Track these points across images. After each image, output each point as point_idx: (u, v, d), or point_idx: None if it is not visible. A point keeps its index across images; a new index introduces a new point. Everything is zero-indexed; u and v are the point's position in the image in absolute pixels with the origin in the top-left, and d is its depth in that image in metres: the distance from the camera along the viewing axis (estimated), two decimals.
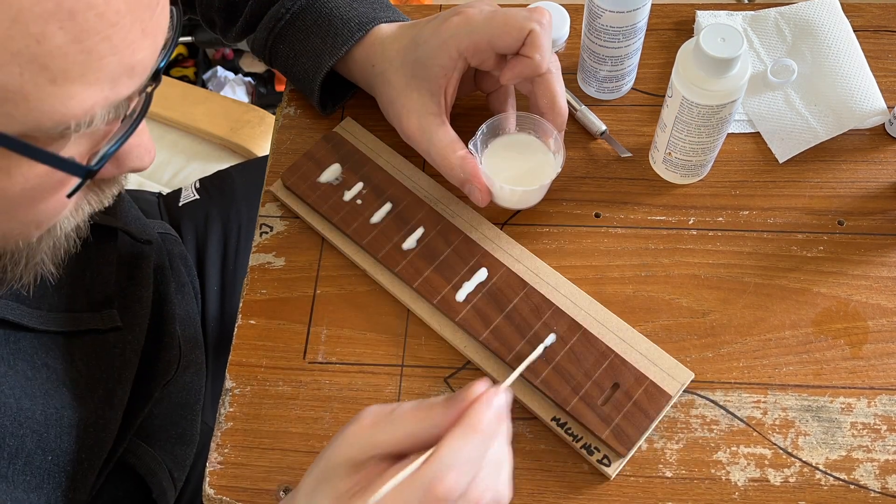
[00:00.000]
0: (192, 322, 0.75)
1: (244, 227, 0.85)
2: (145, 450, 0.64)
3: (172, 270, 0.74)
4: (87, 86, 0.33)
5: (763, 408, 0.56)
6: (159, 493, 0.64)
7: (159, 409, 0.67)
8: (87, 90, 0.33)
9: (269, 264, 0.64)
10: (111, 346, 0.60)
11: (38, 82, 0.31)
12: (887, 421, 0.55)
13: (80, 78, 0.32)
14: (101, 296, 0.60)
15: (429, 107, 0.59)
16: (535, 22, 0.55)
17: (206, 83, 1.62)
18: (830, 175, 0.65)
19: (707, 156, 0.62)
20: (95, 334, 0.59)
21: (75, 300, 0.58)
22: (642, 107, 0.69)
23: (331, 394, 0.58)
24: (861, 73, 0.66)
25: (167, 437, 0.67)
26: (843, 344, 0.58)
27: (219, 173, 0.94)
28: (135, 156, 0.41)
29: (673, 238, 0.63)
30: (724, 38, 0.53)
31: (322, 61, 0.63)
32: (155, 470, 0.64)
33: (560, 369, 0.55)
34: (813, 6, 0.70)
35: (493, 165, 0.61)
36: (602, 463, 0.54)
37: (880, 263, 0.61)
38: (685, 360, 0.58)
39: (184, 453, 0.69)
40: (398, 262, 0.60)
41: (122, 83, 0.34)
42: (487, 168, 0.61)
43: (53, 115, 0.33)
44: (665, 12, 0.73)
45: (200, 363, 0.74)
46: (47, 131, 0.34)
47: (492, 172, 0.60)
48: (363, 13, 0.63)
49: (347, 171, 0.64)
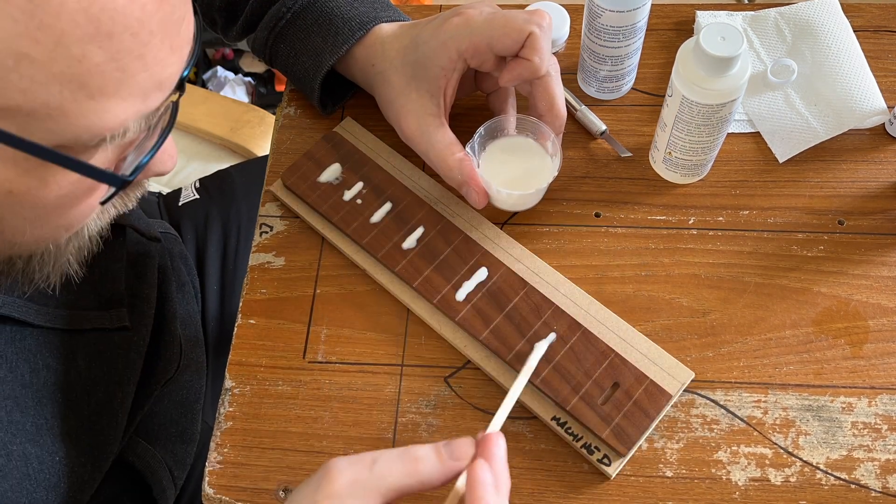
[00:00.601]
0: (192, 321, 0.75)
1: (244, 226, 0.85)
2: (145, 448, 0.64)
3: (173, 269, 0.75)
4: (121, 100, 0.35)
5: (763, 407, 0.56)
6: (159, 491, 0.64)
7: (159, 408, 0.67)
8: (120, 104, 0.35)
9: (269, 264, 0.64)
10: (115, 346, 0.60)
11: (77, 99, 0.34)
12: (888, 420, 0.55)
13: (115, 94, 0.35)
14: (109, 293, 0.61)
15: (428, 108, 0.59)
16: (534, 25, 0.55)
17: (206, 83, 1.63)
18: (830, 175, 0.65)
19: (707, 155, 0.62)
20: (101, 333, 0.59)
21: (83, 297, 0.58)
22: (642, 107, 0.69)
23: (331, 393, 0.58)
24: (861, 73, 0.66)
25: (167, 436, 0.67)
26: (843, 343, 0.58)
27: (219, 173, 0.93)
28: (160, 161, 0.43)
29: (673, 238, 0.63)
30: (724, 38, 0.53)
31: (322, 60, 0.63)
32: (155, 468, 0.64)
33: (560, 369, 0.55)
34: (813, 6, 0.70)
35: (491, 168, 0.61)
36: (602, 462, 0.54)
37: (881, 263, 0.61)
38: (685, 359, 0.58)
39: (184, 452, 0.69)
40: (398, 262, 0.60)
41: (153, 96, 0.37)
42: (485, 170, 0.61)
43: (91, 129, 0.35)
44: (665, 12, 0.73)
45: (201, 362, 0.74)
46: (84, 143, 0.36)
47: (489, 175, 0.60)
48: (364, 12, 0.63)
49: (347, 171, 0.64)
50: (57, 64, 0.32)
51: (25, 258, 0.43)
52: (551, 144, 0.60)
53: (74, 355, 0.56)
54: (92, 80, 0.33)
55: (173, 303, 0.70)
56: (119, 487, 0.62)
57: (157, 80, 0.36)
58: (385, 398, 0.58)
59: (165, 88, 0.37)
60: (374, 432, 0.57)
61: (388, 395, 0.58)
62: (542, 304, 0.58)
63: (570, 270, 0.61)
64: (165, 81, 0.37)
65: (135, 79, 0.35)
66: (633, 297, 0.60)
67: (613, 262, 0.62)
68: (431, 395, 0.58)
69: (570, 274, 0.61)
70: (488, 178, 0.59)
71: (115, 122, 0.35)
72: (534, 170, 0.61)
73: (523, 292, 0.58)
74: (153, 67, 0.35)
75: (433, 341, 0.60)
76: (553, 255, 0.62)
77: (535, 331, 0.57)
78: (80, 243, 0.44)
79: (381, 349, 0.60)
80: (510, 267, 0.60)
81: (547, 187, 0.61)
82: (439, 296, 0.59)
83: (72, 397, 0.55)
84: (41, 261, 0.43)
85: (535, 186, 0.60)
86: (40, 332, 0.54)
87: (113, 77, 0.34)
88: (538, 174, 0.61)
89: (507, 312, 0.58)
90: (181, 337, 0.70)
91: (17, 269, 0.43)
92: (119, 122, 0.36)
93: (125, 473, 0.63)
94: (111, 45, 0.33)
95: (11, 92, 0.32)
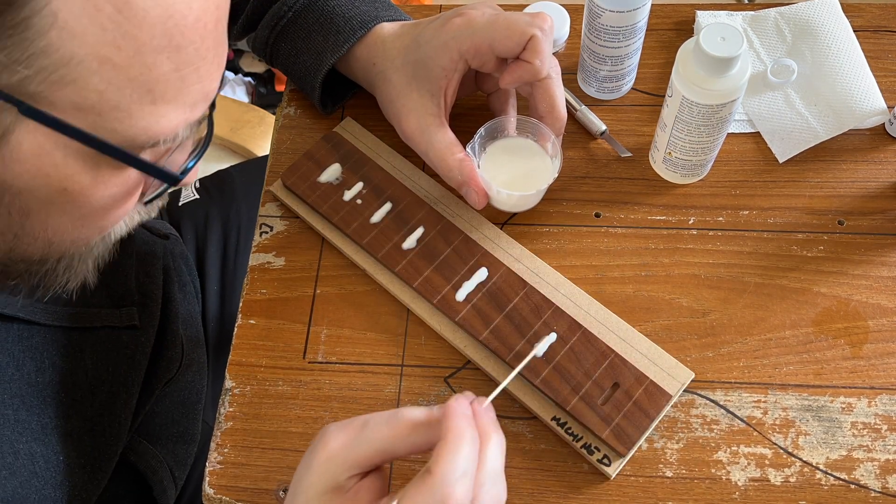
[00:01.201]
0: (193, 321, 0.75)
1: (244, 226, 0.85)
2: (146, 447, 0.64)
3: (175, 269, 0.75)
4: (176, 108, 0.38)
5: (763, 407, 0.56)
6: (160, 491, 0.64)
7: (161, 408, 0.67)
8: (174, 111, 0.38)
9: (269, 264, 0.64)
10: (123, 345, 0.60)
11: (142, 103, 0.37)
12: (888, 420, 0.55)
13: (172, 101, 0.38)
14: (121, 290, 0.61)
15: (428, 107, 0.59)
16: (536, 28, 0.55)
17: None
18: (830, 175, 0.65)
19: (707, 155, 0.62)
20: (110, 331, 0.59)
21: (94, 295, 0.59)
22: (642, 107, 0.69)
23: (331, 393, 0.58)
24: (861, 73, 0.66)
25: (168, 436, 0.67)
26: (843, 343, 0.58)
27: (219, 173, 0.94)
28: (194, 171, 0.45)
29: (673, 238, 0.63)
30: (723, 38, 0.53)
31: (324, 59, 0.63)
32: (156, 468, 0.64)
33: (560, 369, 0.55)
34: (813, 6, 0.70)
35: (491, 169, 0.61)
36: (602, 462, 0.54)
37: (880, 263, 0.61)
38: (685, 359, 0.58)
39: (185, 452, 0.69)
40: (398, 262, 0.60)
41: (199, 107, 0.40)
42: (485, 171, 0.61)
43: (148, 131, 0.38)
44: (665, 12, 0.73)
45: (202, 362, 0.74)
46: (140, 145, 0.38)
47: (489, 176, 0.60)
48: (365, 11, 0.63)
49: (347, 171, 0.64)
50: (133, 70, 0.35)
51: (55, 260, 0.44)
52: (551, 146, 0.60)
53: (82, 354, 0.57)
54: (157, 86, 0.37)
55: (176, 302, 0.70)
56: (121, 487, 0.62)
57: (205, 92, 0.40)
58: (385, 398, 0.58)
59: (208, 100, 0.41)
60: None
61: (388, 395, 0.58)
62: (542, 304, 0.58)
63: (570, 270, 0.61)
64: (210, 93, 0.40)
65: (190, 89, 0.38)
66: (632, 298, 0.60)
67: (613, 262, 0.62)
68: (431, 395, 0.58)
69: (570, 274, 0.61)
70: (488, 179, 0.59)
71: (169, 128, 0.39)
72: (534, 171, 0.61)
73: (523, 292, 0.58)
74: (205, 80, 0.39)
75: (433, 341, 0.60)
76: (553, 256, 0.62)
77: (535, 331, 0.57)
78: (103, 249, 0.47)
79: (381, 349, 0.60)
80: (510, 267, 0.60)
81: (547, 188, 0.61)
82: (439, 296, 0.59)
83: (76, 397, 0.56)
84: (68, 264, 0.45)
85: (535, 188, 0.60)
86: (47, 329, 0.55)
87: (174, 86, 0.37)
88: (538, 175, 0.61)
89: (507, 313, 0.58)
90: (183, 337, 0.70)
91: (43, 270, 0.45)
92: (172, 128, 0.39)
93: (126, 473, 0.63)
94: (178, 56, 0.36)
95: (90, 92, 0.35)
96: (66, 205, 0.40)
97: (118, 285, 0.61)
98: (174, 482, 0.66)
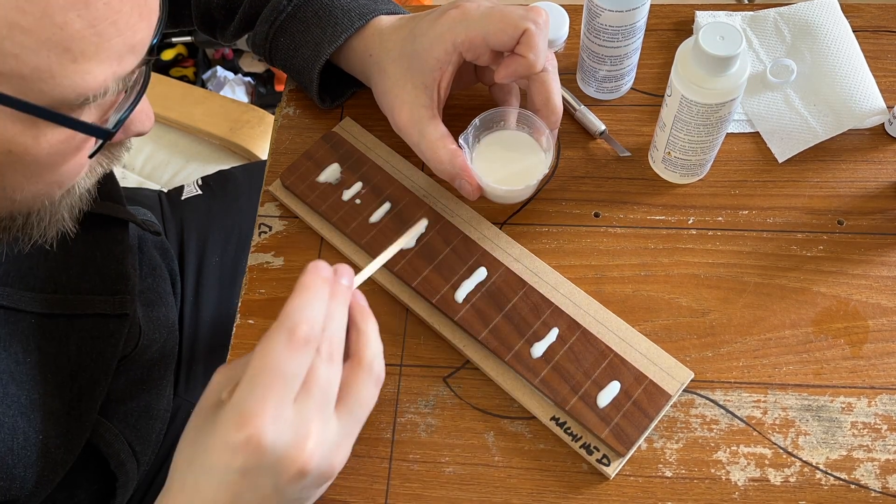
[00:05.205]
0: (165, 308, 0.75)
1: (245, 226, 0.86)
2: (100, 421, 0.64)
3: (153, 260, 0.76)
4: (100, 63, 0.39)
5: (763, 407, 0.56)
6: (117, 463, 0.64)
7: (117, 385, 0.67)
8: (99, 67, 0.39)
9: (268, 264, 0.64)
10: (108, 333, 0.61)
11: (62, 62, 0.38)
12: (888, 420, 0.55)
13: (94, 57, 0.39)
14: (115, 273, 0.62)
15: (422, 99, 0.59)
16: (530, 21, 0.55)
17: (205, 83, 1.62)
18: (830, 175, 0.65)
19: (706, 155, 0.62)
20: (100, 318, 0.60)
21: (85, 280, 0.59)
22: (641, 107, 0.69)
23: None
24: (860, 73, 0.66)
25: (127, 411, 0.67)
26: (843, 343, 0.58)
27: (221, 172, 0.94)
28: (138, 121, 0.47)
29: (672, 238, 0.63)
30: (723, 37, 0.53)
31: (322, 50, 0.63)
32: (110, 440, 0.64)
33: (559, 368, 0.55)
34: (812, 6, 0.70)
35: (484, 161, 0.61)
36: (601, 462, 0.54)
37: (880, 263, 0.61)
38: (685, 359, 0.58)
39: (148, 427, 0.69)
40: (397, 262, 0.60)
41: (127, 59, 0.41)
42: (478, 163, 0.61)
43: (76, 89, 0.39)
44: (664, 12, 0.73)
45: (171, 347, 0.75)
46: (70, 103, 0.40)
47: (482, 168, 0.60)
48: (363, 4, 0.63)
49: (346, 171, 0.64)
50: (43, 31, 0.36)
51: (24, 214, 0.46)
52: (546, 139, 0.60)
53: (67, 340, 0.57)
54: (74, 44, 0.38)
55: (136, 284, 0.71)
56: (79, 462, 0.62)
57: (129, 45, 0.40)
58: (384, 398, 0.58)
59: (138, 52, 0.42)
60: (373, 432, 0.57)
61: (386, 394, 0.58)
62: (541, 303, 0.58)
63: (569, 270, 0.61)
64: (137, 45, 0.41)
65: (110, 43, 0.39)
66: (632, 297, 0.60)
67: (612, 261, 0.62)
68: (430, 395, 0.58)
69: (569, 274, 0.61)
70: (480, 171, 0.59)
71: (96, 83, 0.40)
72: (527, 164, 0.61)
73: (522, 292, 0.58)
74: (125, 33, 0.40)
75: (432, 341, 0.59)
76: (552, 255, 0.62)
77: (535, 330, 0.57)
78: (72, 201, 0.48)
79: None
80: (509, 267, 0.60)
81: (538, 182, 0.60)
82: (438, 296, 0.59)
83: (59, 380, 0.56)
84: (38, 217, 0.47)
85: (526, 182, 0.60)
86: (34, 315, 0.55)
87: (91, 42, 0.38)
88: (531, 169, 0.61)
89: (506, 312, 0.58)
90: (141, 319, 0.69)
91: (17, 224, 0.47)
92: (99, 83, 0.40)
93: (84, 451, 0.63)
94: (89, 13, 0.37)
95: (6, 57, 0.36)
96: (16, 164, 0.41)
97: (112, 269, 0.62)
98: (134, 456, 0.66)
